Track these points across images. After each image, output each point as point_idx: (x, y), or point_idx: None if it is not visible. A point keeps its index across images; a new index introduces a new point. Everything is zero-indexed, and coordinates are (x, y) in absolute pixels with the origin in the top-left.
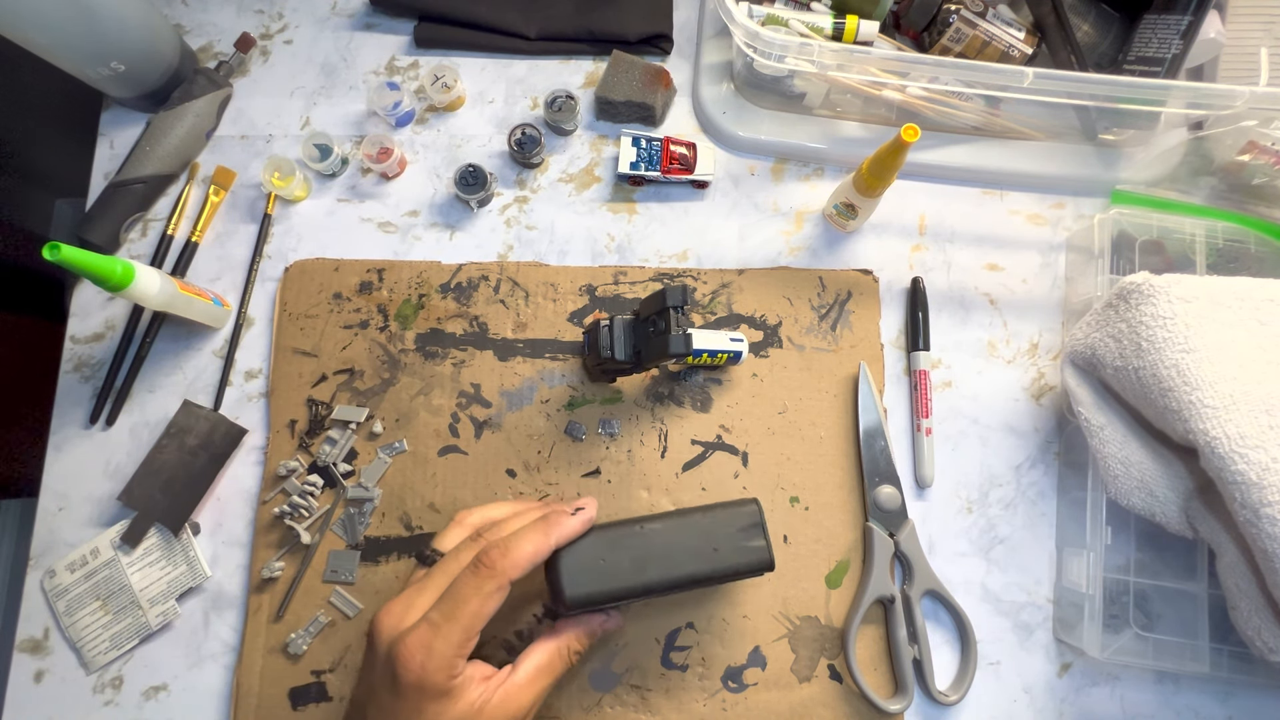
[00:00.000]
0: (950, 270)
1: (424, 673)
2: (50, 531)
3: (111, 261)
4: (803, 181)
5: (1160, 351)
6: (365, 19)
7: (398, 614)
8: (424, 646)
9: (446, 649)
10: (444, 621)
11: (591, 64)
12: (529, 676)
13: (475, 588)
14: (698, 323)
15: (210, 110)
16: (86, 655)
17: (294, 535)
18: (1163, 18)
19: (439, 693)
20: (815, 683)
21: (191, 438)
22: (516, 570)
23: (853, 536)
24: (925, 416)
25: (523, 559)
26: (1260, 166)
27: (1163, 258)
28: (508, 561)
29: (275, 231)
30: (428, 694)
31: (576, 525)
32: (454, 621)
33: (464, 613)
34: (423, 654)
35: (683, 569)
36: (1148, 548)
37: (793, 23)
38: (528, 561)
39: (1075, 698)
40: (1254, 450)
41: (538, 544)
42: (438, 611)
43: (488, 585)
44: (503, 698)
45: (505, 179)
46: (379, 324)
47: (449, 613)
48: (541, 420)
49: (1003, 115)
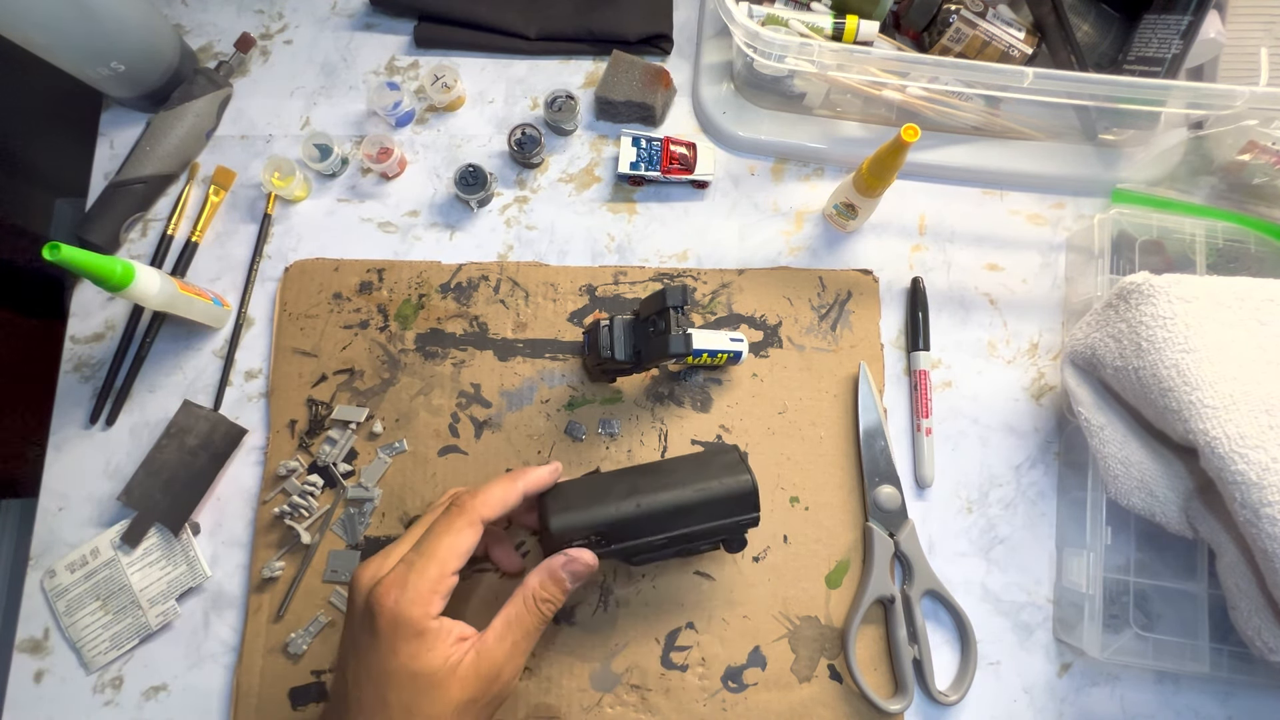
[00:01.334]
0: (950, 270)
1: (398, 608)
2: (50, 531)
3: (111, 261)
4: (803, 181)
5: (1160, 351)
6: (365, 19)
7: (375, 565)
8: (399, 583)
9: (421, 583)
10: (418, 559)
11: (591, 64)
12: (498, 632)
13: (446, 525)
14: (698, 323)
15: (210, 110)
16: (86, 655)
17: (294, 535)
18: (1163, 18)
19: (414, 631)
20: (815, 683)
21: (191, 438)
22: (486, 509)
23: (853, 536)
24: (925, 416)
25: (492, 499)
26: (1260, 166)
27: (1163, 258)
28: (477, 500)
29: (275, 231)
30: (402, 631)
31: (545, 473)
32: (427, 558)
33: (437, 548)
34: (397, 590)
35: (669, 496)
36: (1148, 548)
37: (793, 23)
38: (498, 502)
39: (1075, 698)
40: (1254, 450)
41: (506, 487)
42: (413, 552)
43: (458, 522)
44: (474, 657)
45: (505, 179)
46: (379, 324)
47: (423, 550)
48: (541, 420)
49: (1003, 115)
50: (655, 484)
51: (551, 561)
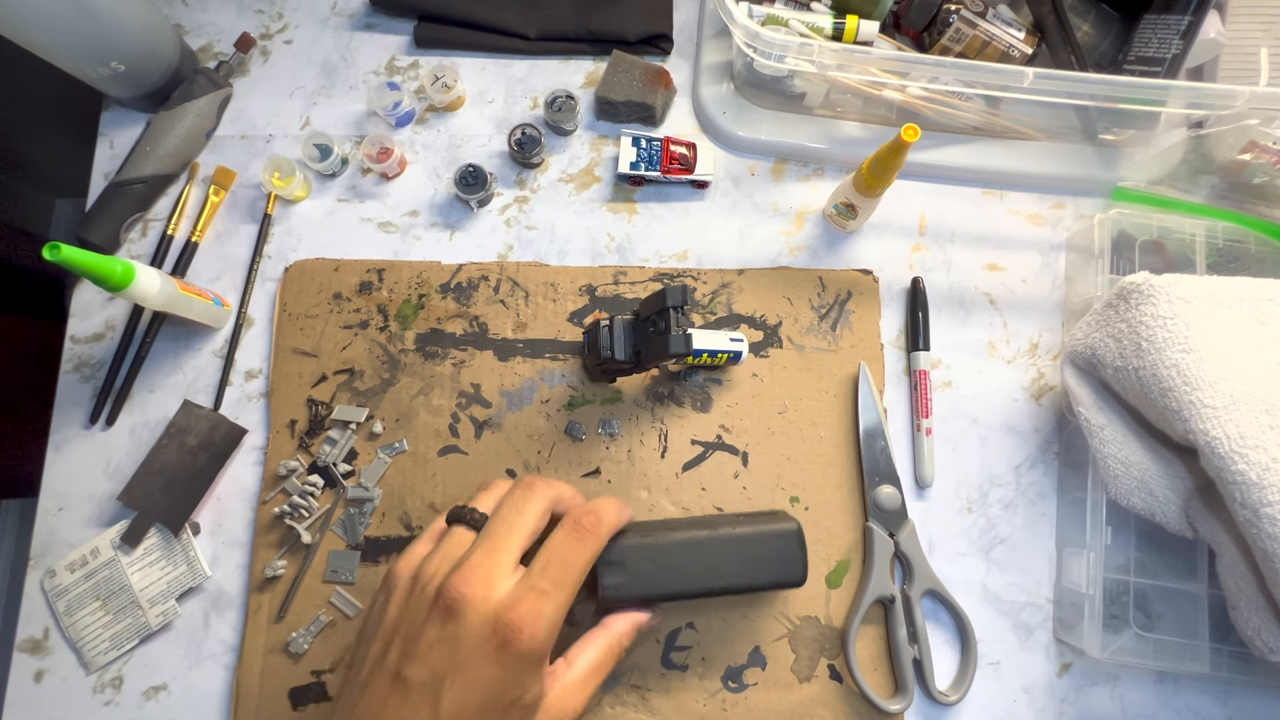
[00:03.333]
0: (950, 270)
1: (535, 642)
2: (50, 531)
3: (111, 261)
4: (803, 181)
5: (1160, 351)
6: (365, 19)
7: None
8: (536, 614)
9: (557, 616)
10: (555, 590)
11: (591, 64)
12: (584, 675)
13: (579, 553)
14: (698, 323)
15: (210, 110)
16: (86, 655)
17: (294, 535)
18: (1163, 18)
19: (539, 661)
20: (815, 683)
21: (191, 438)
22: (606, 539)
23: (853, 536)
24: (925, 416)
25: (609, 529)
26: (1261, 166)
27: (1163, 258)
28: (604, 528)
29: (275, 231)
30: (531, 663)
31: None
32: (563, 589)
33: (570, 579)
34: (534, 623)
35: (720, 580)
36: (1148, 548)
37: (793, 23)
38: (612, 531)
39: (1075, 698)
40: (1254, 450)
41: (620, 513)
42: (545, 579)
43: (588, 550)
44: (560, 693)
45: (505, 179)
46: (379, 324)
47: (558, 579)
48: (541, 420)
49: (1003, 115)
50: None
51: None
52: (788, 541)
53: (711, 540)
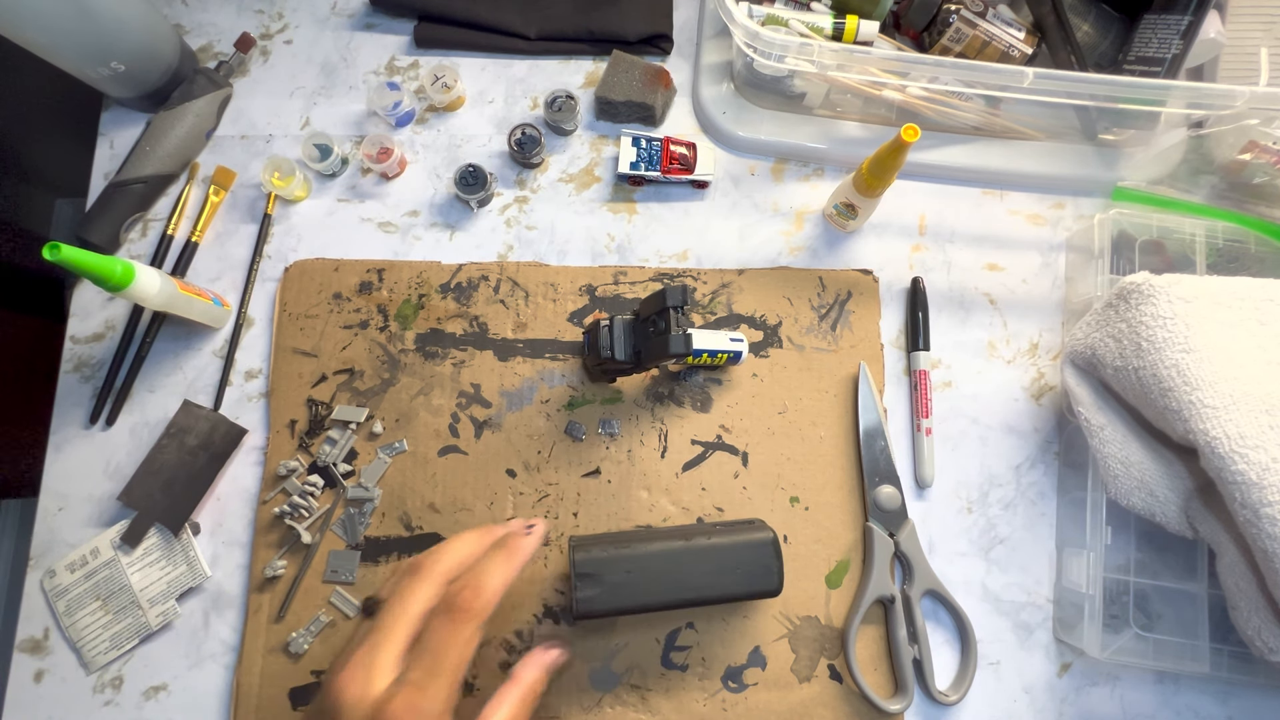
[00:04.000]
0: (950, 270)
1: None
2: (50, 531)
3: (111, 261)
4: (803, 181)
5: (1160, 351)
6: (365, 19)
7: (361, 678)
8: (411, 709)
9: (435, 706)
10: (429, 680)
11: (591, 64)
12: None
13: (453, 635)
14: (698, 323)
15: (210, 110)
16: (86, 655)
17: (294, 535)
18: (1163, 18)
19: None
20: (815, 683)
21: (191, 438)
22: (489, 609)
23: (853, 536)
24: (925, 416)
25: (494, 595)
26: (1261, 166)
27: (1163, 258)
28: (481, 601)
29: (275, 231)
30: None
31: (534, 543)
32: (439, 678)
33: (446, 666)
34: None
35: (695, 591)
36: (1148, 548)
37: (793, 23)
38: (497, 597)
39: (1075, 698)
40: (1254, 450)
41: (505, 574)
42: (418, 670)
43: (466, 630)
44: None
45: (505, 179)
46: (379, 324)
47: (432, 668)
48: (541, 420)
49: (1003, 115)
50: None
51: (544, 657)
52: (763, 551)
53: (686, 551)
